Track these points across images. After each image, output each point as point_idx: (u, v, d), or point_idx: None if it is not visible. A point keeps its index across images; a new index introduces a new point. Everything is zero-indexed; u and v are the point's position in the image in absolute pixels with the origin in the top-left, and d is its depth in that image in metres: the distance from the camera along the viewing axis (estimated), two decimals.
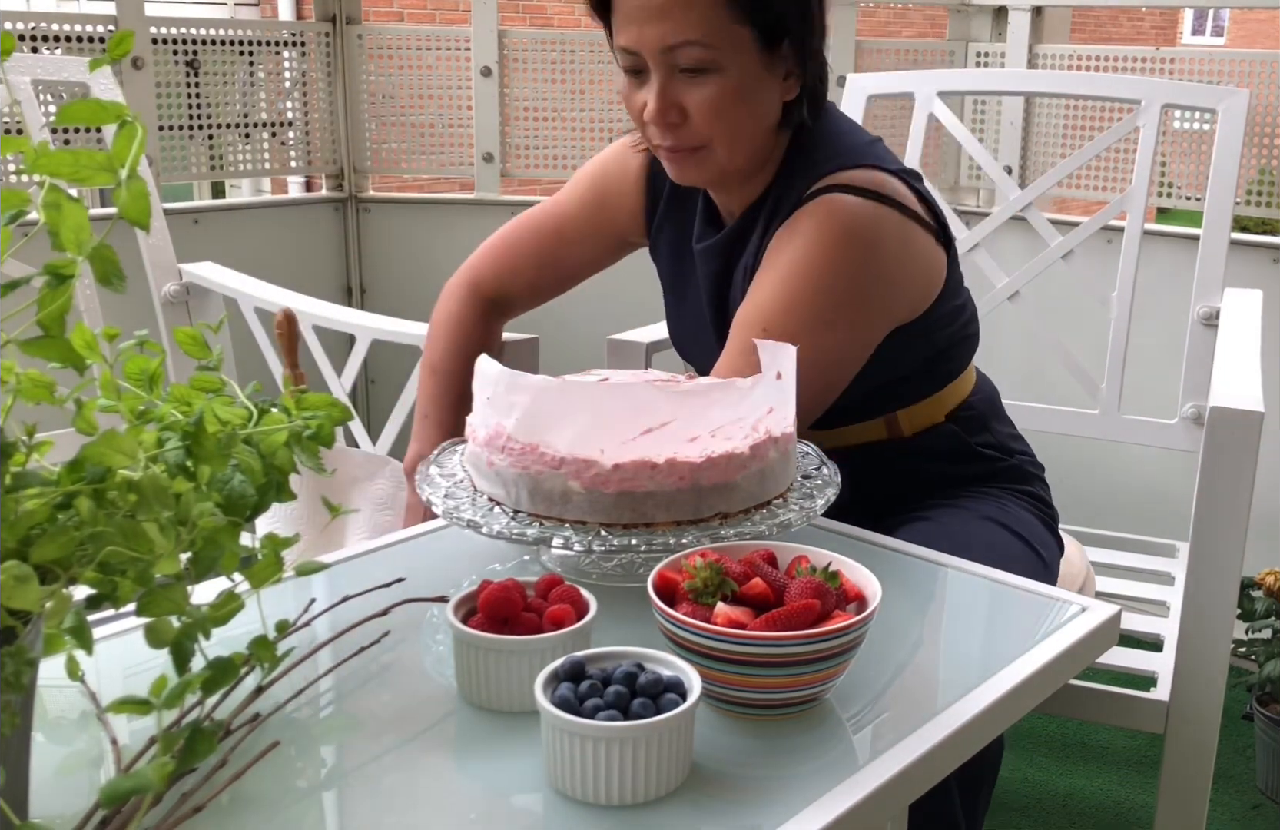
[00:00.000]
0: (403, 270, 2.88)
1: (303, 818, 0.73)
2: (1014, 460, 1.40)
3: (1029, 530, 1.33)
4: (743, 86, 1.20)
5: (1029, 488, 1.39)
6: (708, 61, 1.18)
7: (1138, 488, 2.48)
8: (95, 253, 0.63)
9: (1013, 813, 2.03)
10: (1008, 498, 1.36)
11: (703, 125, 1.20)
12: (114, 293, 0.65)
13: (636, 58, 1.20)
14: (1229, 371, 1.47)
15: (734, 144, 1.23)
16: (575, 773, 0.71)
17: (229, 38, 2.65)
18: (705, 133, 1.21)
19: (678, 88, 1.19)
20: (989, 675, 0.87)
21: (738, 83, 1.19)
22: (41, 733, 0.78)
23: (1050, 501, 1.42)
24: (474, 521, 0.99)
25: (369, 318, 1.91)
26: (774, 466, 1.02)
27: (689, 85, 1.19)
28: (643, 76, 1.21)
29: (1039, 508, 1.39)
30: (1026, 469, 1.41)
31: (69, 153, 0.63)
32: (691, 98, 1.19)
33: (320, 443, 0.77)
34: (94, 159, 0.63)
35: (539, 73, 2.79)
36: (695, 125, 1.21)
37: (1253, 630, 2.05)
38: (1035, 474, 1.42)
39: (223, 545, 0.68)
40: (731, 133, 1.22)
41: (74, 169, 0.63)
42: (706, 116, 1.20)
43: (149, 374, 0.74)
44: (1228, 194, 1.94)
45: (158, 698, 0.66)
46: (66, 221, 0.63)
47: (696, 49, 1.17)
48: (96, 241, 0.63)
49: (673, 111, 1.20)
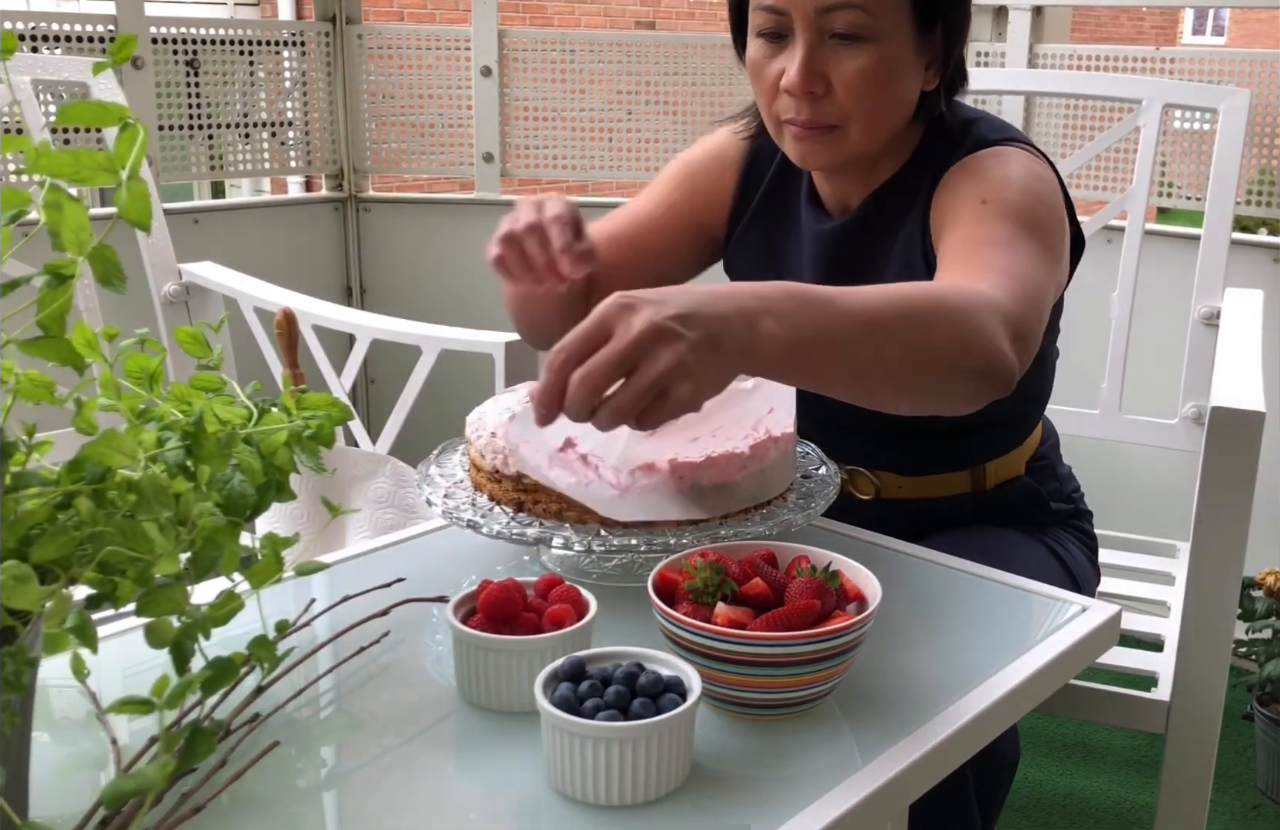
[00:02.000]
0: (403, 270, 2.88)
1: (303, 818, 0.73)
2: (1072, 503, 1.40)
3: (1074, 563, 1.34)
4: (892, 64, 1.14)
5: (1079, 523, 1.40)
6: (865, 28, 1.12)
7: (1138, 488, 2.48)
8: (96, 253, 0.63)
9: (1013, 813, 2.03)
10: (1058, 529, 1.37)
11: (846, 99, 1.14)
12: (114, 293, 0.65)
13: (782, 19, 1.13)
14: (1230, 371, 1.47)
15: (872, 126, 1.16)
16: (575, 773, 0.71)
17: (229, 37, 2.65)
18: (846, 109, 1.15)
19: (825, 56, 1.13)
20: (989, 675, 0.87)
21: (889, 58, 1.13)
22: (41, 733, 0.78)
23: (1093, 531, 1.43)
24: (474, 521, 0.99)
25: (369, 318, 1.91)
26: (774, 466, 1.02)
27: (838, 54, 1.13)
28: (783, 42, 1.15)
29: (1083, 540, 1.40)
30: (1079, 507, 1.41)
31: (70, 153, 0.63)
32: (839, 68, 1.13)
33: (320, 442, 0.77)
34: (95, 159, 0.63)
35: (539, 73, 2.79)
36: (838, 99, 1.14)
37: (1253, 630, 2.05)
38: (1085, 511, 1.42)
39: (222, 545, 0.68)
40: (872, 112, 1.15)
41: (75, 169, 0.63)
42: (852, 89, 1.13)
43: (149, 373, 0.74)
44: (1228, 194, 1.94)
45: (159, 698, 0.66)
46: (67, 222, 0.63)
47: (856, 12, 1.11)
48: (97, 241, 0.63)
49: (817, 81, 1.13)
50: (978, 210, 1.11)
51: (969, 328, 0.93)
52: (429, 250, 2.87)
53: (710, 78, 2.79)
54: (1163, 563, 1.84)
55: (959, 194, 1.15)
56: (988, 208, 1.11)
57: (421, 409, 1.80)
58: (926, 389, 0.95)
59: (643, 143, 2.83)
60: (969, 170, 1.17)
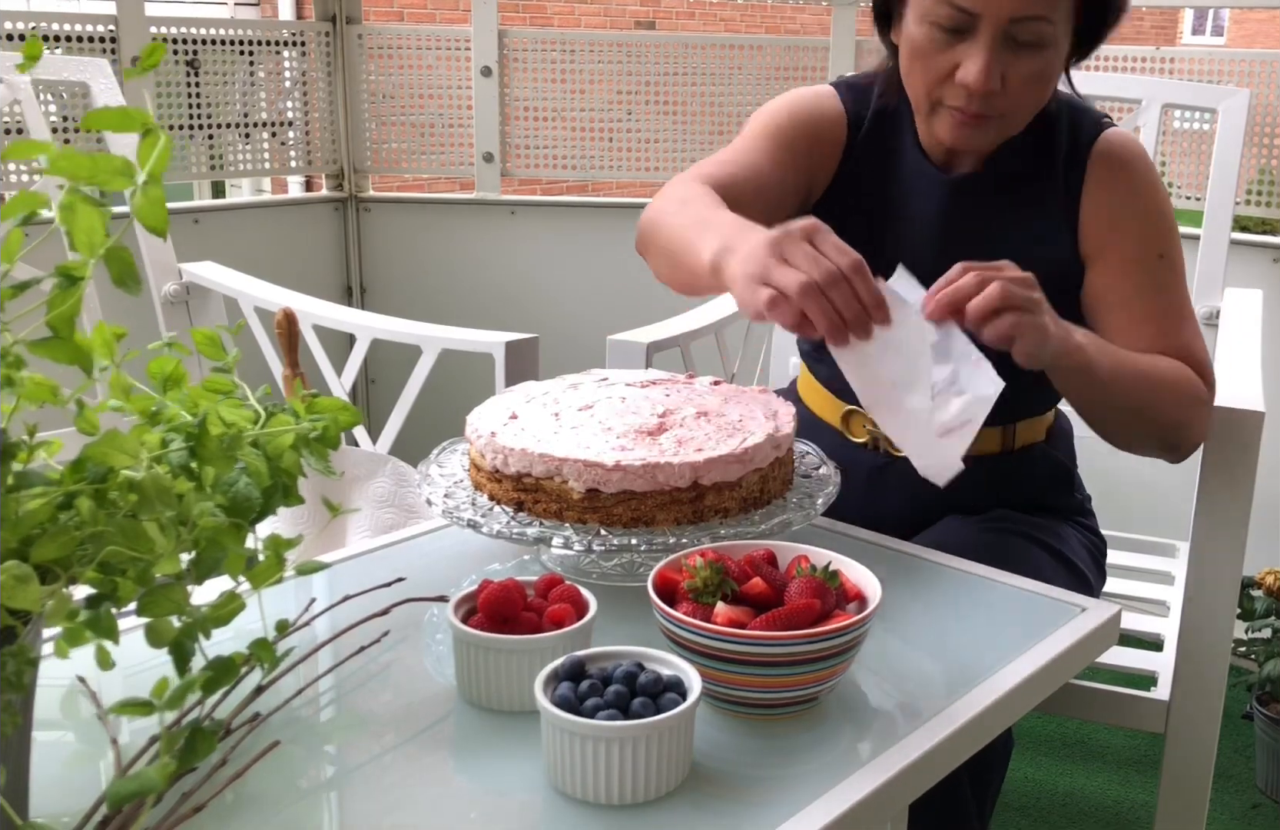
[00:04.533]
0: (403, 270, 2.88)
1: (303, 817, 0.73)
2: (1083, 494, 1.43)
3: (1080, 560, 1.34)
4: (1058, 64, 1.23)
5: (1085, 521, 1.41)
6: (1046, 36, 1.19)
7: (1138, 487, 2.48)
8: (112, 254, 0.63)
9: (1013, 813, 2.03)
10: (1066, 526, 1.37)
11: (1019, 96, 1.21)
12: (129, 294, 0.65)
13: (969, 18, 1.18)
14: (1229, 371, 1.47)
15: (1027, 115, 1.25)
16: (575, 772, 0.71)
17: (229, 37, 2.65)
18: (1016, 104, 1.22)
19: (1006, 58, 1.19)
20: (989, 675, 0.87)
21: (1057, 60, 1.22)
22: (41, 733, 0.78)
23: (1099, 531, 1.44)
24: (474, 521, 0.99)
25: (369, 317, 1.91)
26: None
27: (1018, 56, 1.19)
28: (961, 36, 1.19)
29: (1090, 538, 1.40)
30: (1085, 505, 1.43)
31: (88, 156, 0.63)
32: (1017, 69, 1.19)
33: (326, 445, 0.77)
34: (112, 163, 0.63)
35: (539, 72, 2.79)
36: (1012, 95, 1.21)
37: (1253, 630, 2.05)
38: (1090, 510, 1.44)
39: (225, 547, 0.68)
40: (1035, 106, 1.24)
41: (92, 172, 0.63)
42: (1028, 89, 1.21)
43: (166, 375, 0.74)
44: (1228, 194, 1.94)
45: (160, 699, 0.66)
46: (80, 223, 0.63)
47: (1043, 24, 1.18)
48: (111, 242, 0.63)
49: (998, 80, 1.19)
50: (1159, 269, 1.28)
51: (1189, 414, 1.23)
52: (429, 250, 2.87)
53: (710, 78, 2.79)
54: (1163, 562, 1.84)
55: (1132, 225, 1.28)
56: (1166, 263, 1.28)
57: (421, 409, 1.80)
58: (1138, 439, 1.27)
59: (643, 143, 2.83)
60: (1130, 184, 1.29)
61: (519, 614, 0.83)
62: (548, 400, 1.10)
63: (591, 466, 0.96)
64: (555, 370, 1.25)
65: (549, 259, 2.85)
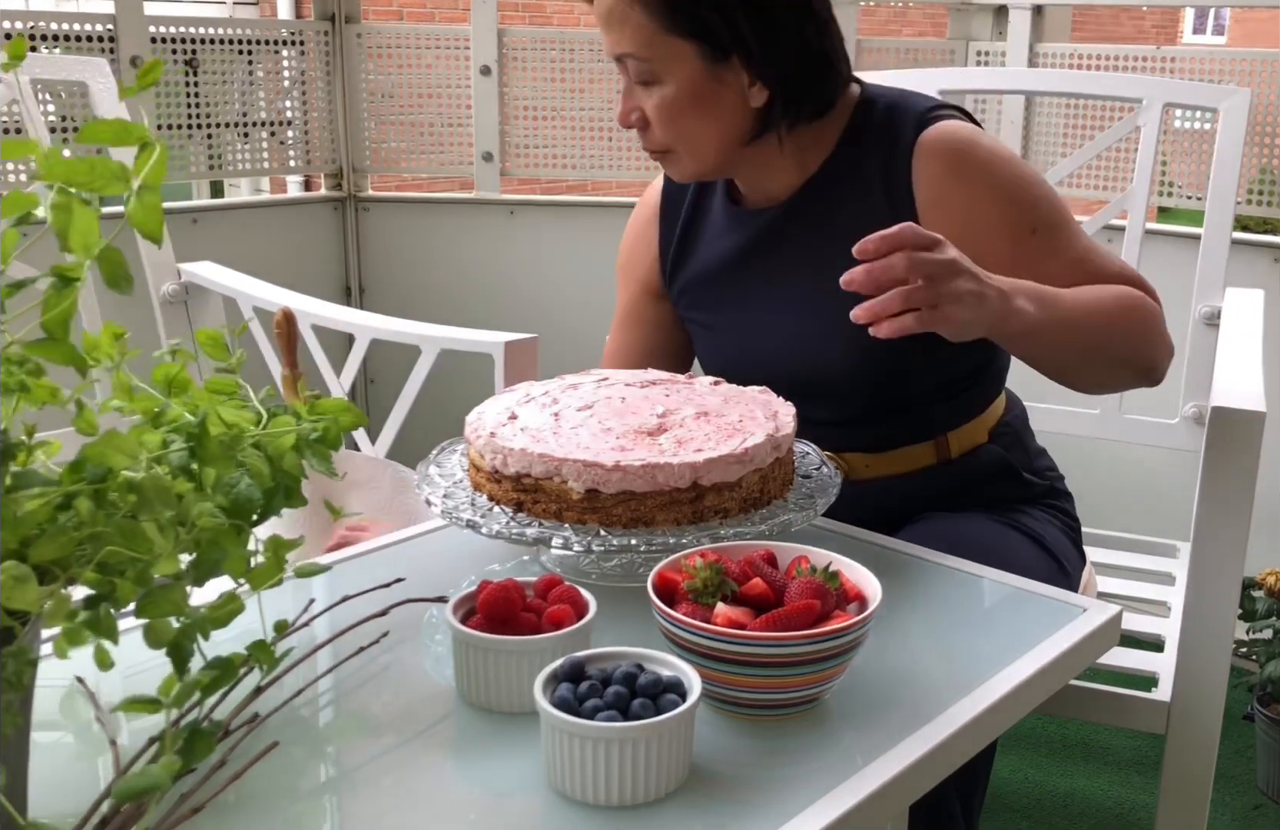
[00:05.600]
0: (402, 270, 2.87)
1: (303, 818, 0.72)
2: (1046, 481, 1.40)
3: (1055, 544, 1.34)
4: (692, 97, 1.21)
5: (1057, 502, 1.40)
6: (649, 74, 1.21)
7: (1139, 488, 2.48)
8: (104, 255, 0.63)
9: (1013, 813, 2.03)
10: (1037, 510, 1.36)
11: (658, 131, 1.24)
12: (121, 294, 0.64)
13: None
14: (1230, 371, 1.47)
15: (695, 150, 1.25)
16: (575, 773, 0.71)
17: (228, 37, 2.65)
18: (662, 139, 1.25)
19: (638, 93, 1.24)
20: (989, 675, 0.87)
21: (684, 93, 1.21)
22: (41, 733, 0.78)
23: (1075, 513, 1.43)
24: (473, 521, 0.98)
25: (368, 317, 1.91)
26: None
27: (647, 91, 1.23)
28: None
29: (1064, 520, 1.39)
30: (1055, 486, 1.42)
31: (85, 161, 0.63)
32: (647, 103, 1.23)
33: (328, 447, 0.77)
34: (109, 168, 0.63)
35: (538, 72, 2.79)
36: (653, 130, 1.24)
37: (1254, 630, 2.05)
38: (1063, 490, 1.43)
39: (225, 548, 0.68)
40: (688, 139, 1.24)
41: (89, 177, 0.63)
42: (659, 122, 1.23)
43: (170, 378, 0.74)
44: (1229, 193, 1.93)
45: (166, 697, 0.66)
46: (75, 225, 0.63)
47: (636, 62, 1.21)
48: (104, 244, 0.63)
49: (634, 115, 1.25)
50: (1037, 243, 1.22)
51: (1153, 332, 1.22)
52: (428, 250, 2.87)
53: None
54: (1163, 563, 1.83)
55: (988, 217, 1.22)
56: (1043, 232, 1.23)
57: (421, 409, 1.80)
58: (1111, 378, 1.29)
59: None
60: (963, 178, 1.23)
61: (518, 615, 0.82)
62: (547, 400, 1.10)
63: (591, 467, 0.96)
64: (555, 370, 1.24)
65: (548, 259, 2.85)
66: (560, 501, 0.97)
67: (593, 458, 0.97)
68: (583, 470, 0.96)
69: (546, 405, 1.09)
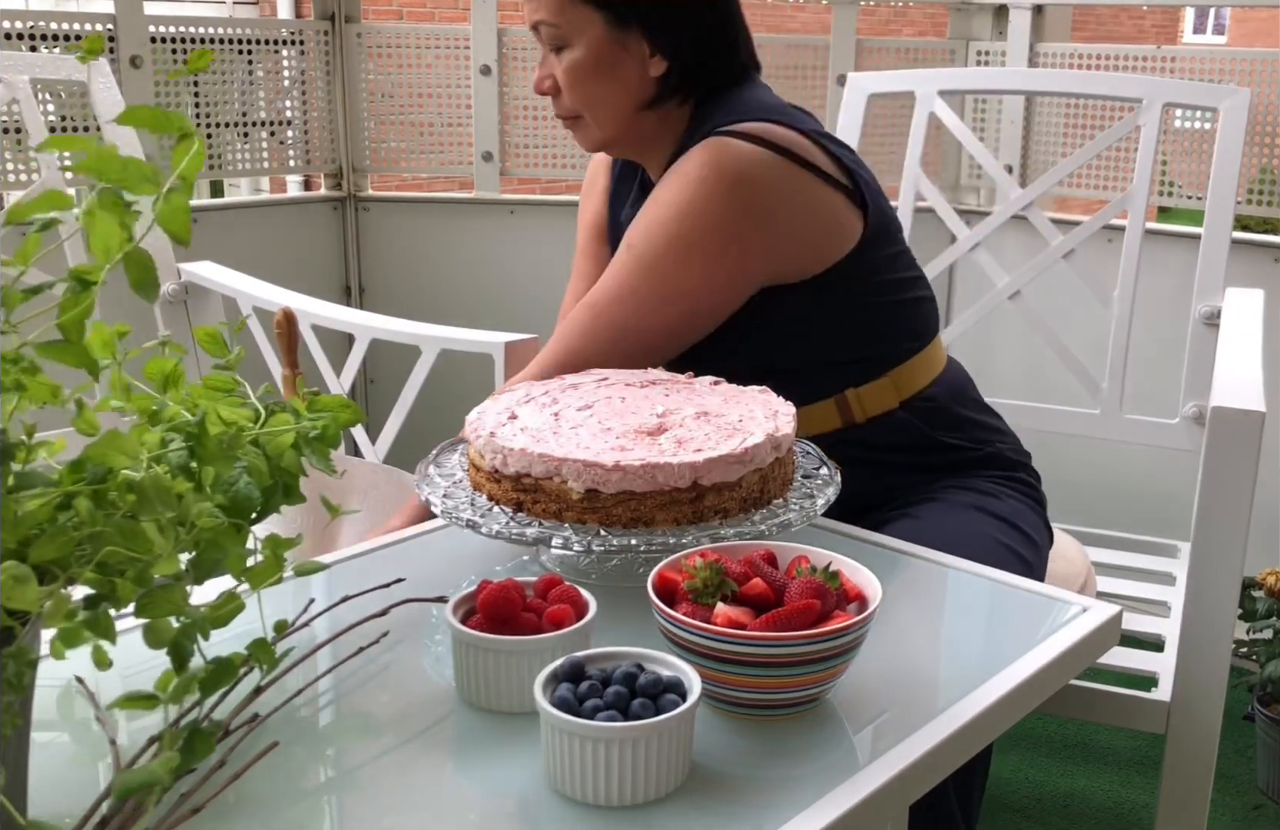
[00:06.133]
0: (402, 270, 2.87)
1: (303, 818, 0.72)
2: (992, 449, 1.38)
3: (1014, 514, 1.32)
4: (596, 62, 1.32)
5: (1012, 473, 1.38)
6: (560, 38, 1.32)
7: (1139, 488, 2.48)
8: (131, 257, 0.63)
9: (1013, 813, 2.03)
10: (989, 483, 1.34)
11: (566, 96, 1.34)
12: (146, 300, 0.65)
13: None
14: (1230, 371, 1.47)
15: (599, 115, 1.35)
16: (575, 773, 0.71)
17: (228, 36, 2.65)
18: (570, 104, 1.35)
19: (551, 60, 1.35)
20: (990, 675, 0.87)
21: (588, 57, 1.31)
22: (41, 733, 0.78)
23: (1037, 486, 1.41)
24: (473, 521, 0.98)
25: (368, 317, 1.91)
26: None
27: (559, 58, 1.33)
28: None
29: (1023, 491, 1.37)
30: (1007, 456, 1.39)
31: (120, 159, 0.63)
32: (559, 69, 1.34)
33: (326, 444, 0.77)
34: (142, 170, 0.64)
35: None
36: (563, 96, 1.35)
37: (1254, 630, 2.05)
38: (1019, 461, 1.40)
39: (225, 547, 0.68)
40: (592, 105, 1.34)
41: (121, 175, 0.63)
42: (566, 87, 1.33)
43: (165, 374, 0.74)
44: (1229, 193, 1.93)
45: (164, 692, 0.66)
46: (97, 228, 0.63)
47: (548, 27, 1.32)
48: (132, 245, 0.63)
49: (547, 82, 1.35)
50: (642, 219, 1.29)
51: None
52: (428, 250, 2.86)
53: None
54: (1163, 563, 1.84)
55: (655, 192, 1.31)
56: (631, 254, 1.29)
57: (421, 409, 1.80)
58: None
59: None
60: (673, 170, 1.29)
61: (518, 615, 0.82)
62: (547, 400, 1.10)
63: (591, 467, 0.96)
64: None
65: (548, 259, 2.84)
66: (560, 501, 0.97)
67: (593, 458, 0.96)
68: (583, 470, 0.96)
69: (546, 405, 1.09)
